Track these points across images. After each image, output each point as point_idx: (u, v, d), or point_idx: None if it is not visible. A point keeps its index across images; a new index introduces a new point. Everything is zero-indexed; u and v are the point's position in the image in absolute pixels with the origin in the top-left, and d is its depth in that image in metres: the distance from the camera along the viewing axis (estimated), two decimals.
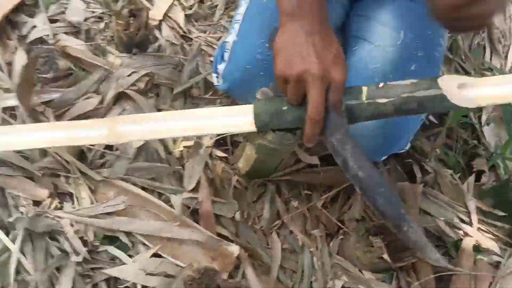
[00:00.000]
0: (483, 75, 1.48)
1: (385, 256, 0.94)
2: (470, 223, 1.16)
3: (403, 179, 1.19)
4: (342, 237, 1.07)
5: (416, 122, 0.90)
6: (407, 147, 0.94)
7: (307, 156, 1.06)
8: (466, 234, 1.14)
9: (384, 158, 0.96)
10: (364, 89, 0.66)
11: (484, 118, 1.41)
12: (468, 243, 1.11)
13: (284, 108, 0.68)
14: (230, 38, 0.87)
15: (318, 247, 1.03)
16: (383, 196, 0.62)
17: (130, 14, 0.96)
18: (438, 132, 1.33)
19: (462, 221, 1.16)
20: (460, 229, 1.15)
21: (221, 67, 0.89)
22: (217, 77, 0.91)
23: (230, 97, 1.14)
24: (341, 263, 1.02)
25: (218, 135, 1.05)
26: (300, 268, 0.99)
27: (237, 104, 1.13)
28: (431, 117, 1.32)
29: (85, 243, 0.89)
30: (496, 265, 1.09)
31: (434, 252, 0.61)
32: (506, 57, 1.61)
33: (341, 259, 1.03)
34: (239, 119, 0.73)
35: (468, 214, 1.17)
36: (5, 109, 1.00)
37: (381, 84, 0.66)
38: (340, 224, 1.07)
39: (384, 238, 0.99)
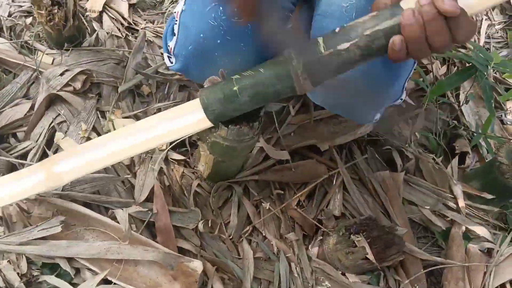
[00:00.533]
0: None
1: (370, 256, 0.84)
2: (457, 210, 1.07)
3: (382, 168, 1.09)
4: (321, 237, 0.96)
5: (408, 64, 0.80)
6: (403, 97, 0.84)
7: (276, 152, 0.94)
8: (454, 222, 1.05)
9: (378, 115, 0.85)
10: (320, 39, 0.55)
11: (462, 97, 1.33)
12: (457, 232, 1.03)
13: (235, 88, 0.56)
14: (178, 7, 0.76)
15: (295, 252, 0.92)
16: None
17: (53, 2, 0.82)
18: (416, 115, 1.24)
19: (449, 208, 1.07)
20: (447, 217, 1.06)
21: (171, 43, 0.77)
22: (169, 57, 0.79)
23: (186, 87, 1.02)
24: (322, 267, 0.92)
25: None
26: (276, 277, 0.88)
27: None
28: (406, 98, 1.23)
29: (21, 275, 0.76)
30: (489, 253, 1.01)
31: None
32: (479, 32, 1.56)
33: (321, 263, 0.92)
34: (189, 117, 0.62)
35: (455, 200, 1.08)
36: None
37: (337, 29, 0.55)
38: (318, 224, 0.96)
39: (367, 235, 0.88)
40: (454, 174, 1.14)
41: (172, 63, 0.81)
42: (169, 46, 0.79)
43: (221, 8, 0.70)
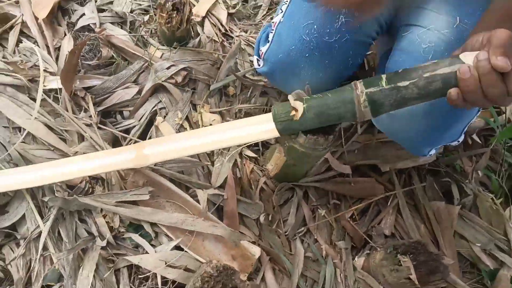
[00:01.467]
0: None
1: (413, 276, 0.89)
2: (509, 253, 1.08)
3: (439, 198, 1.13)
4: (369, 252, 1.03)
5: (472, 110, 0.84)
6: (460, 139, 0.89)
7: (339, 165, 1.02)
8: (503, 264, 1.06)
9: (432, 152, 0.91)
10: (383, 76, 0.64)
11: None
12: (505, 274, 1.04)
13: (304, 105, 0.66)
14: (277, 18, 0.87)
15: (342, 259, 1.00)
16: None
17: (174, 8, 0.97)
18: (481, 153, 1.25)
19: (500, 249, 1.09)
20: (497, 258, 1.08)
21: (264, 48, 0.88)
22: (258, 60, 0.90)
23: (266, 93, 1.13)
24: (365, 279, 0.98)
25: None
26: (321, 279, 0.96)
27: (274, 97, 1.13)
28: (474, 136, 1.25)
29: (111, 228, 0.91)
30: None
31: None
32: None
33: (365, 275, 0.99)
34: (261, 126, 0.74)
35: (508, 242, 1.09)
36: (49, 91, 1.03)
37: (400, 70, 0.64)
38: (367, 238, 1.03)
39: (414, 258, 0.93)
40: (511, 217, 1.15)
41: (259, 65, 0.92)
42: (260, 50, 0.90)
43: (315, 26, 0.81)
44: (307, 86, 0.74)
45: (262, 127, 0.74)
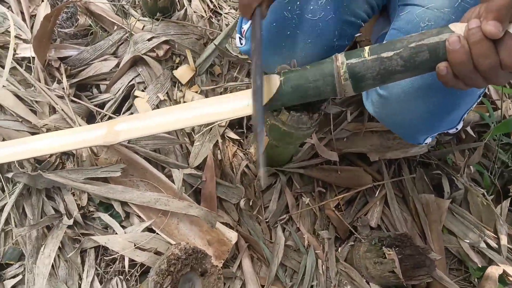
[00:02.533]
0: None
1: (397, 270, 0.85)
2: (498, 251, 1.04)
3: (429, 191, 1.08)
4: (353, 243, 0.98)
5: (472, 96, 0.79)
6: (459, 126, 0.83)
7: (326, 151, 0.97)
8: (492, 262, 1.02)
9: (428, 140, 0.85)
10: (366, 47, 0.58)
11: None
12: (493, 272, 1.00)
13: (280, 78, 0.62)
14: None
15: (325, 250, 0.95)
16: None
17: None
18: (474, 148, 1.21)
19: (490, 246, 1.05)
20: (486, 255, 1.04)
21: (246, 26, 0.82)
22: (240, 38, 0.85)
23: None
24: (348, 271, 0.94)
25: None
26: (302, 269, 0.91)
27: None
28: (468, 129, 1.21)
29: (80, 207, 0.85)
30: None
31: None
32: None
33: (348, 267, 0.94)
34: (238, 102, 0.68)
35: (497, 240, 1.05)
36: (21, 60, 0.97)
37: (385, 42, 0.58)
38: (352, 230, 0.98)
39: (400, 251, 0.89)
40: (503, 214, 1.11)
41: (242, 44, 0.86)
42: (243, 28, 0.85)
43: (298, 2, 0.75)
44: (293, 61, 0.68)
45: (239, 103, 0.69)
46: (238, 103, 0.69)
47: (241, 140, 1.01)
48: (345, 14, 0.78)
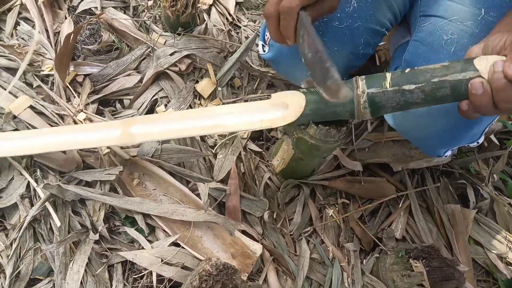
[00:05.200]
0: None
1: (426, 284, 0.83)
2: None
3: (453, 201, 1.07)
4: (378, 255, 0.97)
5: None
6: (480, 140, 0.83)
7: (349, 162, 0.97)
8: None
9: (448, 153, 0.84)
10: (388, 75, 0.58)
11: None
12: None
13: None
14: None
15: (350, 263, 0.94)
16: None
17: None
18: (497, 156, 1.19)
19: None
20: None
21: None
22: (263, 45, 0.85)
23: (273, 86, 1.08)
24: (374, 284, 0.92)
25: None
26: (327, 282, 0.90)
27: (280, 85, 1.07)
28: (492, 137, 1.19)
29: (106, 221, 0.86)
30: None
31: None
32: None
33: (374, 279, 0.93)
34: (270, 113, 0.67)
35: None
36: (47, 77, 0.99)
37: (407, 70, 0.58)
38: (377, 241, 0.97)
39: (427, 263, 0.87)
40: None
41: (264, 51, 0.87)
42: (266, 35, 0.85)
43: (325, 18, 0.75)
44: None
45: (261, 115, 0.68)
46: (261, 115, 0.68)
47: (263, 152, 1.01)
48: (371, 22, 0.78)
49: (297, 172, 0.93)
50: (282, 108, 0.67)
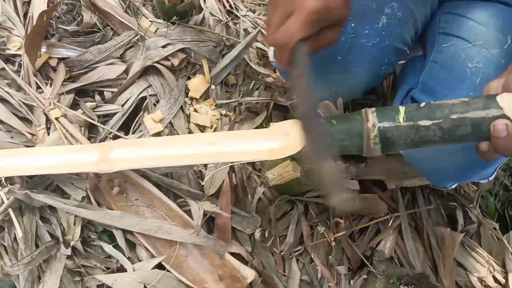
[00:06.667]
0: None
1: None
2: (505, 285, 1.03)
3: (443, 222, 1.05)
4: (366, 276, 0.94)
5: None
6: (491, 178, 0.79)
7: (347, 181, 0.91)
8: None
9: (454, 185, 0.81)
10: (402, 108, 0.52)
11: None
12: None
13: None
14: None
15: (339, 285, 0.90)
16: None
17: None
18: None
19: (496, 281, 1.04)
20: None
21: None
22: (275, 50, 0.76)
23: (272, 89, 0.99)
24: None
25: None
26: None
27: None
28: None
29: (80, 232, 0.76)
30: None
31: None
32: None
33: None
34: (268, 143, 0.60)
35: (505, 274, 1.04)
36: (13, 57, 0.85)
37: (423, 104, 0.52)
38: (365, 260, 0.94)
39: None
40: (510, 246, 1.10)
41: (275, 57, 0.78)
42: None
43: (352, 24, 0.67)
44: (339, 100, 0.61)
45: (258, 144, 0.61)
46: (252, 145, 0.61)
47: (255, 162, 0.94)
48: (397, 41, 0.71)
49: (294, 191, 0.87)
50: (282, 137, 0.60)
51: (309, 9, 0.48)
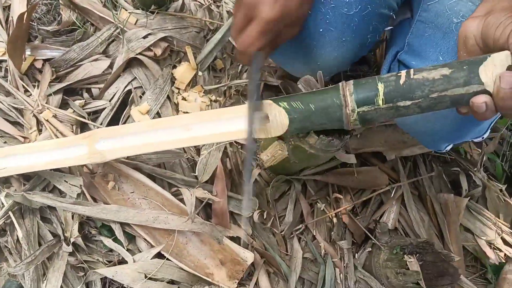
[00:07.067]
0: None
1: (422, 282, 0.81)
2: None
3: (446, 189, 1.04)
4: (370, 249, 0.94)
5: None
6: (485, 135, 0.77)
7: (344, 155, 0.90)
8: (508, 259, 1.00)
9: (449, 147, 0.80)
10: (381, 88, 0.50)
11: None
12: (510, 270, 0.98)
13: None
14: None
15: (343, 259, 0.90)
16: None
17: None
18: (491, 138, 1.16)
19: (506, 243, 1.02)
20: (502, 252, 1.01)
21: None
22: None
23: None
24: (367, 279, 0.90)
25: None
26: (320, 281, 0.87)
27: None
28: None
29: (81, 228, 0.78)
30: None
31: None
32: None
33: (367, 275, 0.90)
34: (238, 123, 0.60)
35: None
36: None
37: (402, 80, 0.49)
38: (369, 234, 0.94)
39: (420, 257, 0.85)
40: None
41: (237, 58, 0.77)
42: None
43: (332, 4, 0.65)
44: (319, 73, 0.60)
45: (236, 124, 0.61)
46: (236, 125, 0.61)
47: None
48: (380, 6, 0.69)
49: (288, 170, 0.86)
50: (264, 118, 0.59)
51: (266, 20, 0.52)
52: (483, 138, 0.78)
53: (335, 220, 0.93)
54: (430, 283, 0.83)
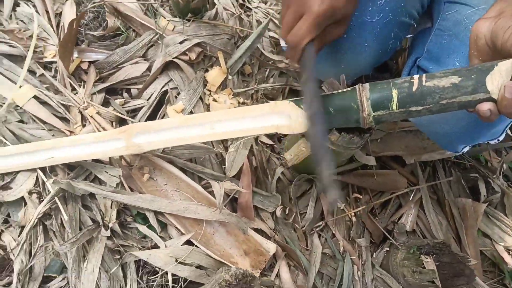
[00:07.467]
0: None
1: (437, 281, 0.84)
2: None
3: (464, 194, 1.06)
4: (388, 249, 0.97)
5: None
6: (501, 138, 0.81)
7: (364, 156, 0.95)
8: None
9: (466, 149, 0.83)
10: (395, 94, 0.55)
11: None
12: None
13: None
14: None
15: (361, 257, 0.94)
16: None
17: None
18: (510, 147, 1.18)
19: None
20: None
21: None
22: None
23: (284, 73, 1.04)
24: (384, 278, 0.93)
25: None
26: (338, 276, 0.91)
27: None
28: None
29: (117, 215, 0.85)
30: None
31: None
32: None
33: (384, 273, 0.94)
34: (274, 119, 0.66)
35: None
36: (50, 64, 0.94)
37: (414, 87, 0.54)
38: (387, 234, 0.97)
39: (437, 258, 0.88)
40: None
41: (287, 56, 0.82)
42: None
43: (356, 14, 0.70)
44: (342, 77, 0.65)
45: (266, 120, 0.67)
46: (259, 122, 0.68)
47: (274, 145, 0.99)
48: (401, 15, 0.74)
49: (311, 169, 0.92)
50: (286, 117, 0.65)
51: (316, 13, 0.56)
52: (498, 140, 0.81)
53: (354, 219, 0.97)
54: (445, 283, 0.86)
